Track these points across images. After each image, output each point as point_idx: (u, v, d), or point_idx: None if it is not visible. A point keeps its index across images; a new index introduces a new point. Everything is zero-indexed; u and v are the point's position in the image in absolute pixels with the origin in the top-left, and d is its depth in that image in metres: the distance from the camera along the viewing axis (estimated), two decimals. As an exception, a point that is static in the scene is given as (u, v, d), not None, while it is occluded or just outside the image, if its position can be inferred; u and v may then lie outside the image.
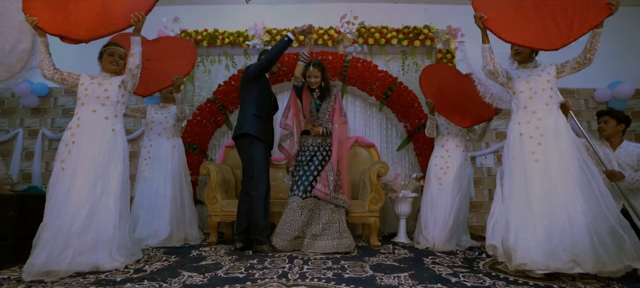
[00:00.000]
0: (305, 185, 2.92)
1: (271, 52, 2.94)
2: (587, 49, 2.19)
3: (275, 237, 2.86)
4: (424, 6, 4.71)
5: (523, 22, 2.23)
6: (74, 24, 2.39)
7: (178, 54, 3.36)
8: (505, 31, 2.23)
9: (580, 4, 2.17)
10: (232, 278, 1.96)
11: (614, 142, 2.77)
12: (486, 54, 2.33)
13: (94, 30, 2.38)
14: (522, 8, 2.26)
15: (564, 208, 1.94)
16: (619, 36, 4.60)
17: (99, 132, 2.33)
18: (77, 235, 2.10)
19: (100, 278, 1.96)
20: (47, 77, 2.41)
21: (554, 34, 2.16)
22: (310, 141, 3.07)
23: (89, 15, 2.41)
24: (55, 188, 2.22)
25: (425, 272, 2.17)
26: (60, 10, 2.40)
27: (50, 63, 2.40)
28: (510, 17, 2.25)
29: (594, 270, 1.85)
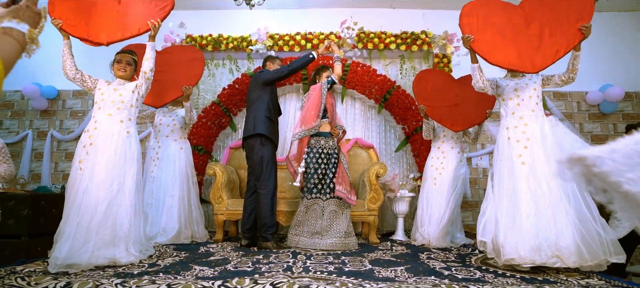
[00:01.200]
0: (331, 187, 3.01)
1: (295, 65, 3.14)
2: (570, 69, 2.40)
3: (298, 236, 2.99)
4: (422, 11, 4.86)
5: (507, 45, 2.41)
6: (94, 28, 2.56)
7: (186, 63, 3.51)
8: (490, 54, 2.41)
9: (557, 29, 2.37)
10: (241, 272, 2.11)
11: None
12: (475, 73, 2.52)
13: (112, 34, 2.55)
14: (505, 33, 2.45)
15: (549, 207, 2.10)
16: (610, 41, 4.76)
17: (115, 134, 2.47)
18: (96, 231, 2.24)
19: (118, 271, 2.10)
20: (69, 77, 2.55)
21: (535, 58, 2.35)
22: (331, 143, 3.12)
23: (109, 20, 2.59)
24: (73, 187, 2.36)
25: (420, 266, 2.33)
26: (83, 14, 2.56)
27: (72, 64, 2.54)
28: (495, 41, 2.43)
29: (575, 264, 2.01)
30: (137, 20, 2.60)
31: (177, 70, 3.48)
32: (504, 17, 2.49)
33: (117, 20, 2.61)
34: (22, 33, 0.91)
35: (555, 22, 2.40)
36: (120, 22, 2.60)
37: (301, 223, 3.02)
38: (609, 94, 4.53)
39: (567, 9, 2.39)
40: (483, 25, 2.48)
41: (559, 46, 2.33)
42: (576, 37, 2.32)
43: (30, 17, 0.96)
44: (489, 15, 2.50)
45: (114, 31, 2.56)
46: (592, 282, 1.93)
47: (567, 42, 2.33)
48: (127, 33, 2.56)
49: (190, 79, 3.43)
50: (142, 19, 2.59)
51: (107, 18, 2.61)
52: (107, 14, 2.62)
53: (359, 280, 1.90)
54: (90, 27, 2.56)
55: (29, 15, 0.96)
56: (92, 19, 2.58)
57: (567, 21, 2.37)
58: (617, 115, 4.71)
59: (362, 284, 1.82)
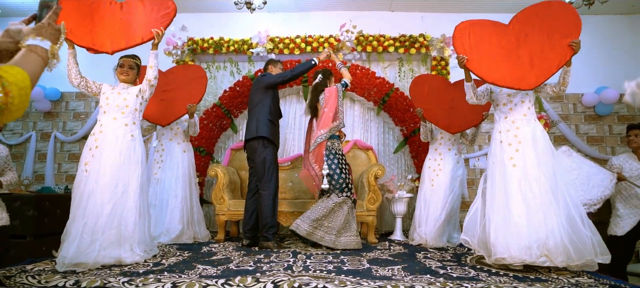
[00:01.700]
0: (350, 187, 3.09)
1: (297, 70, 3.23)
2: (560, 82, 2.48)
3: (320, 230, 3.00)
4: (420, 14, 4.94)
5: (500, 64, 2.47)
6: (99, 36, 2.60)
7: (189, 82, 3.63)
8: (485, 71, 2.47)
9: (548, 46, 2.44)
10: (243, 271, 2.18)
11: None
12: (469, 90, 2.63)
13: (116, 43, 2.60)
14: (498, 51, 2.51)
15: (540, 209, 2.17)
16: (605, 44, 4.84)
17: (119, 137, 2.54)
18: (102, 231, 2.31)
19: (124, 270, 2.17)
20: (74, 84, 2.62)
21: (528, 75, 2.40)
22: (337, 145, 3.20)
23: (112, 28, 2.63)
24: (79, 189, 2.42)
25: (417, 265, 2.40)
26: (86, 22, 2.60)
27: (77, 72, 2.61)
28: (489, 60, 2.50)
29: (563, 264, 2.09)
30: (141, 28, 2.63)
31: (181, 89, 3.60)
32: (495, 35, 2.56)
33: (120, 27, 2.64)
34: (45, 49, 0.98)
35: (546, 38, 2.46)
36: (124, 30, 2.64)
37: (325, 218, 3.00)
38: (604, 96, 4.60)
39: (556, 26, 2.46)
40: (476, 44, 2.55)
41: (551, 63, 2.40)
42: (567, 53, 2.39)
43: (51, 34, 1.03)
44: (481, 35, 2.58)
45: (118, 39, 2.60)
46: (581, 280, 2.00)
47: (558, 59, 2.39)
48: (131, 42, 2.60)
49: (194, 97, 3.54)
50: (145, 27, 2.63)
51: (111, 26, 2.63)
52: (110, 22, 2.64)
53: (357, 279, 1.96)
54: (94, 35, 2.59)
55: (50, 32, 1.03)
56: (95, 26, 2.61)
57: (557, 37, 2.43)
58: (613, 116, 4.78)
59: (360, 282, 1.88)
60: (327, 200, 3.03)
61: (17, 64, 0.88)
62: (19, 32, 1.01)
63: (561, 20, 2.46)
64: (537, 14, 2.54)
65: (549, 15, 2.51)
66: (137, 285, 1.83)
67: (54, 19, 1.06)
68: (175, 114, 3.47)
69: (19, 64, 0.89)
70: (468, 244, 2.44)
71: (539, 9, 2.56)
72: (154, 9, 2.70)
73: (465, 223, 2.52)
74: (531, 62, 2.42)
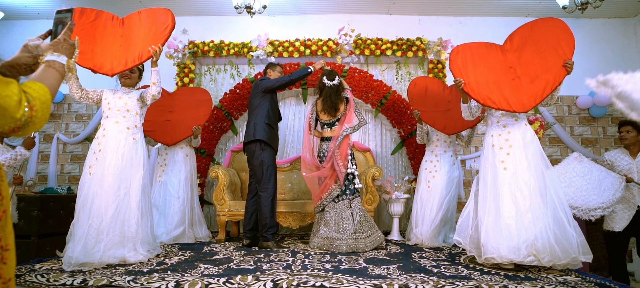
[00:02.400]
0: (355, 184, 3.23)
1: (294, 76, 3.30)
2: (549, 98, 2.57)
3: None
4: (418, 18, 5.02)
5: (496, 86, 2.52)
6: (100, 57, 2.60)
7: (195, 104, 3.76)
8: (481, 95, 2.52)
9: (542, 67, 2.50)
10: (244, 270, 2.26)
11: (634, 150, 3.03)
12: (466, 111, 2.77)
13: (116, 64, 2.60)
14: (493, 74, 2.57)
15: (529, 210, 2.26)
16: (599, 47, 4.92)
17: (121, 141, 2.62)
18: (106, 232, 2.39)
19: (129, 269, 2.25)
20: (76, 98, 2.72)
21: (523, 97, 2.45)
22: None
23: (113, 47, 2.64)
24: (83, 191, 2.50)
25: (411, 264, 2.48)
26: (88, 42, 2.61)
27: (77, 87, 2.69)
28: (485, 83, 2.54)
29: (550, 263, 2.17)
30: (139, 45, 2.64)
31: (187, 110, 3.73)
32: (491, 57, 2.62)
33: (120, 47, 2.65)
34: (62, 64, 1.06)
35: (540, 58, 2.51)
36: (123, 50, 2.65)
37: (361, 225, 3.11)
38: (598, 98, 4.68)
39: (549, 45, 2.51)
40: (472, 67, 2.60)
41: (545, 84, 2.45)
42: (561, 74, 2.45)
43: (66, 49, 1.10)
44: (476, 57, 2.63)
45: (118, 60, 2.60)
46: (569, 279, 2.08)
47: (552, 80, 2.45)
48: (129, 63, 2.60)
49: (199, 119, 3.68)
50: (143, 44, 2.64)
51: (111, 46, 2.65)
52: (111, 42, 2.66)
53: (353, 278, 2.04)
54: (95, 56, 2.60)
55: (66, 48, 1.10)
56: (97, 46, 2.62)
57: (551, 57, 2.48)
58: (606, 118, 4.87)
59: (356, 281, 1.96)
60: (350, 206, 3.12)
61: (38, 79, 0.96)
62: (37, 48, 1.09)
63: (554, 39, 2.51)
64: (530, 34, 2.59)
65: (542, 34, 2.55)
66: (142, 284, 1.90)
67: (69, 35, 1.14)
68: (181, 135, 3.60)
69: (40, 79, 0.97)
70: (461, 244, 2.53)
71: (533, 27, 2.61)
72: (152, 24, 2.72)
73: (458, 224, 2.61)
74: (526, 84, 2.47)
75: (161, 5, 4.77)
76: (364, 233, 3.06)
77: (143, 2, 4.74)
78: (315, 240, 3.07)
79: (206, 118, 3.76)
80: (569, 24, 5.07)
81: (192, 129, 3.56)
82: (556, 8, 4.26)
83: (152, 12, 2.79)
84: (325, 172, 3.16)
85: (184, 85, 4.53)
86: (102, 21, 2.72)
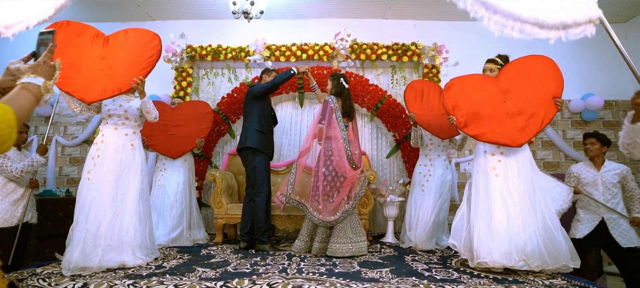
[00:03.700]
0: None
1: (277, 79, 3.32)
2: None
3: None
4: (413, 22, 5.08)
5: (490, 121, 2.58)
6: (77, 80, 2.50)
7: (197, 118, 3.87)
8: (477, 132, 2.59)
9: (534, 103, 2.58)
10: (240, 273, 2.32)
11: (598, 162, 3.07)
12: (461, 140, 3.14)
13: (93, 91, 2.50)
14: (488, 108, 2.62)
15: (519, 216, 2.33)
16: (591, 52, 5.00)
17: (119, 146, 2.66)
18: (104, 237, 2.42)
19: (128, 273, 2.30)
20: (77, 112, 2.73)
21: (515, 133, 2.52)
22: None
23: (92, 71, 2.54)
24: (82, 196, 2.54)
25: (404, 267, 2.55)
26: (70, 60, 2.50)
27: (75, 103, 2.68)
28: (480, 118, 2.61)
29: (539, 268, 2.25)
30: (120, 73, 2.56)
31: (190, 123, 3.83)
32: (484, 91, 2.67)
33: (101, 71, 2.55)
34: (38, 86, 1.05)
35: (531, 94, 2.58)
36: (104, 74, 2.55)
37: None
38: (589, 102, 4.76)
39: (541, 84, 2.59)
40: (465, 102, 2.66)
41: (536, 120, 2.53)
42: (552, 111, 2.55)
43: (46, 71, 1.09)
44: (470, 90, 2.69)
45: (96, 87, 2.50)
46: (555, 282, 2.15)
47: (544, 116, 2.54)
48: (108, 93, 2.52)
49: (202, 131, 3.83)
50: (125, 72, 2.56)
51: (92, 67, 2.54)
52: (92, 63, 2.55)
53: (346, 281, 2.11)
54: (74, 79, 2.49)
55: (45, 70, 1.09)
56: (79, 67, 2.52)
57: (543, 95, 2.57)
58: (598, 122, 4.95)
59: (349, 284, 2.03)
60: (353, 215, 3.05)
61: (6, 101, 0.96)
62: (18, 70, 1.09)
63: (546, 76, 2.60)
64: (522, 70, 2.65)
65: (534, 71, 2.62)
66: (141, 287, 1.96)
67: (49, 57, 1.13)
68: (185, 148, 3.71)
69: (7, 100, 0.97)
70: (456, 248, 2.59)
71: (525, 63, 2.67)
72: (136, 48, 2.64)
73: (453, 228, 2.68)
74: (518, 120, 2.54)
75: (160, 9, 4.87)
76: (343, 237, 2.93)
77: (142, 6, 4.79)
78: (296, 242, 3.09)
79: (208, 130, 3.90)
80: (562, 29, 5.16)
81: (196, 142, 3.70)
82: (548, 14, 4.33)
83: (139, 33, 2.71)
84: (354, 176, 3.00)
85: (182, 88, 4.58)
86: (86, 38, 2.62)
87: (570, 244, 2.28)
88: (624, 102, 4.97)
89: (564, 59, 4.95)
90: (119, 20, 5.09)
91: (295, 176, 3.12)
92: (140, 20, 5.09)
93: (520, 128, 2.52)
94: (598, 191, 2.93)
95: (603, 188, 2.93)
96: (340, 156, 3.00)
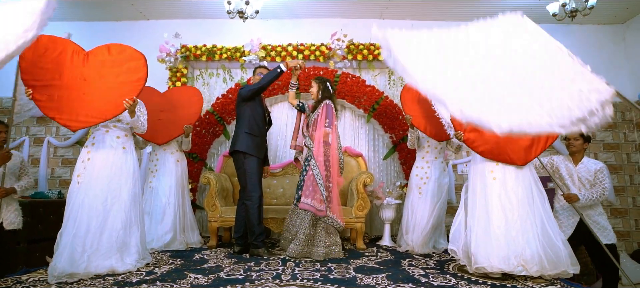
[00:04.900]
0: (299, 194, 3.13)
1: (264, 80, 3.21)
2: None
3: (286, 242, 3.09)
4: (411, 22, 5.03)
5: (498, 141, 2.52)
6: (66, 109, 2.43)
7: (186, 103, 3.72)
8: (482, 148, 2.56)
9: None
10: (233, 279, 2.26)
11: (577, 158, 3.05)
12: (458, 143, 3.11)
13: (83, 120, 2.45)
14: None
15: (517, 220, 2.29)
16: (588, 53, 4.97)
17: (111, 149, 2.60)
18: (92, 242, 2.36)
19: (118, 279, 2.24)
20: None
21: (522, 153, 2.49)
22: (305, 154, 3.30)
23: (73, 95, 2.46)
24: (71, 199, 2.48)
25: (400, 273, 2.50)
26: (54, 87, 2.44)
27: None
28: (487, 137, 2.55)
29: (537, 273, 2.21)
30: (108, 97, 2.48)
31: (178, 109, 3.68)
32: None
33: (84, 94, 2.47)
34: None
35: None
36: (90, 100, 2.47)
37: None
38: (587, 103, 4.72)
39: None
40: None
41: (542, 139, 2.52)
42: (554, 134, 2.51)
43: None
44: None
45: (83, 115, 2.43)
46: (554, 289, 2.12)
47: (548, 135, 2.51)
48: (94, 119, 2.46)
49: (190, 116, 3.65)
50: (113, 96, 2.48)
51: (73, 91, 2.46)
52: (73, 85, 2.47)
53: (342, 288, 2.06)
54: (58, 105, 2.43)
55: None
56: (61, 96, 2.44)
57: None
58: (596, 124, 4.92)
59: (344, 292, 1.98)
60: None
61: None
62: None
63: None
64: None
65: None
66: (130, 296, 1.90)
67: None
68: (171, 134, 3.57)
69: None
70: (455, 254, 2.54)
71: None
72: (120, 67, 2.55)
73: (452, 233, 2.62)
74: (524, 139, 2.51)
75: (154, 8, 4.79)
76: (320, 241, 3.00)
77: (135, 5, 4.71)
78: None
79: (197, 116, 3.73)
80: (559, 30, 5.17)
81: (183, 128, 3.54)
82: (546, 15, 4.30)
83: (121, 50, 2.60)
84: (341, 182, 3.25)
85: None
86: (66, 56, 2.52)
87: (569, 250, 2.24)
88: (622, 103, 4.95)
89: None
90: (112, 19, 5.02)
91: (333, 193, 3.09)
92: (133, 19, 5.02)
93: (526, 147, 2.49)
94: (575, 186, 2.92)
95: (579, 183, 2.93)
96: (333, 163, 3.12)
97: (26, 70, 2.42)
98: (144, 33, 4.96)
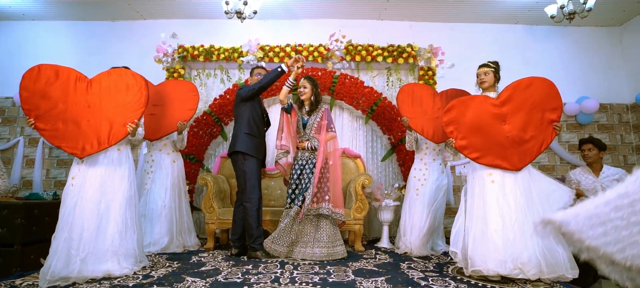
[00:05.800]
0: (297, 195, 3.15)
1: (264, 80, 3.18)
2: None
3: (272, 243, 3.07)
4: (409, 23, 5.03)
5: (489, 145, 2.53)
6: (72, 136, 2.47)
7: (180, 99, 3.59)
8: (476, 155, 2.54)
9: (533, 128, 2.54)
10: (231, 283, 2.23)
11: (596, 168, 3.04)
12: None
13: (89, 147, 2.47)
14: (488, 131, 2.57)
15: (515, 223, 2.28)
16: (586, 55, 5.00)
17: (107, 152, 2.57)
18: (86, 245, 2.32)
19: (114, 284, 2.21)
20: None
21: (515, 158, 2.48)
22: (299, 155, 3.29)
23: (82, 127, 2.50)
24: (65, 202, 2.44)
25: (399, 276, 2.48)
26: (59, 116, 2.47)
27: None
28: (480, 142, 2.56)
29: (535, 276, 2.20)
30: (111, 122, 2.54)
31: (172, 104, 3.57)
32: (485, 113, 2.60)
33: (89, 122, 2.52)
34: None
35: (530, 118, 2.54)
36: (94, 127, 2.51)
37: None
38: (584, 105, 4.75)
39: (540, 107, 2.55)
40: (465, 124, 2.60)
41: (537, 144, 2.50)
42: (551, 135, 2.53)
43: None
44: (469, 114, 2.62)
45: (89, 142, 2.47)
46: (554, 292, 2.11)
47: (543, 139, 2.51)
48: (100, 146, 2.49)
49: (185, 113, 3.54)
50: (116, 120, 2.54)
51: (79, 121, 2.50)
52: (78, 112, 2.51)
53: (341, 292, 2.04)
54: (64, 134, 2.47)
55: None
56: (66, 123, 2.48)
57: (542, 117, 2.53)
58: (593, 125, 4.95)
59: (343, 296, 1.96)
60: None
61: None
62: None
63: (546, 99, 2.56)
64: (523, 92, 2.59)
65: (534, 92, 2.57)
66: (126, 300, 1.87)
67: None
68: (164, 130, 3.48)
69: None
70: (455, 257, 2.51)
71: (525, 85, 2.61)
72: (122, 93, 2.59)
73: (452, 236, 2.58)
74: (518, 143, 2.50)
75: (151, 8, 4.75)
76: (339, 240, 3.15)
77: (132, 5, 4.67)
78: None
79: (192, 112, 3.58)
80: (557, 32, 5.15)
81: (177, 124, 3.44)
82: (544, 17, 4.31)
83: (122, 75, 2.65)
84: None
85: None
86: (70, 84, 2.54)
87: (568, 253, 2.23)
88: (618, 105, 4.97)
89: (560, 62, 5.00)
90: (108, 19, 4.98)
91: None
92: (130, 19, 4.98)
93: (520, 152, 2.48)
94: None
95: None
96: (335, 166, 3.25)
97: (27, 100, 2.44)
98: (141, 33, 4.92)
